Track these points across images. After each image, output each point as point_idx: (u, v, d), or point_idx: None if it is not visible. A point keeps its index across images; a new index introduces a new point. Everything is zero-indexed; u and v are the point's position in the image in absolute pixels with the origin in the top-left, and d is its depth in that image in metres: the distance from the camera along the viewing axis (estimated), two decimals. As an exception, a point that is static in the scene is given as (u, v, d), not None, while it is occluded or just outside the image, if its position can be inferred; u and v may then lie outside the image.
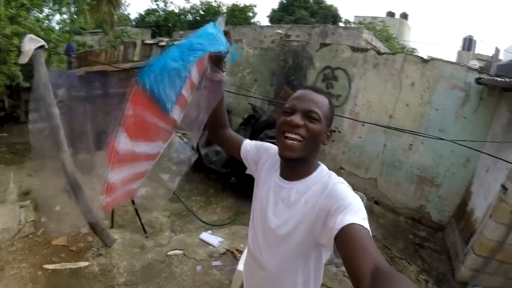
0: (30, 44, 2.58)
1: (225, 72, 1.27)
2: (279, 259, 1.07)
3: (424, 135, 4.16)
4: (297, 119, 1.00)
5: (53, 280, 3.04)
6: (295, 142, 0.99)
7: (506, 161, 3.32)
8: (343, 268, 3.82)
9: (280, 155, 1.05)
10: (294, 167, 1.07)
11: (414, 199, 5.21)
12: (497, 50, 5.01)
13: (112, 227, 3.92)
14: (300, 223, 1.00)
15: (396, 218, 5.22)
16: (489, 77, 4.29)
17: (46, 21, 6.52)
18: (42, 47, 2.70)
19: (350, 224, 0.79)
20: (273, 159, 1.22)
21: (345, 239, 0.78)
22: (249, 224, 1.26)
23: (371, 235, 0.80)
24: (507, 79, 3.77)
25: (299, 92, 1.08)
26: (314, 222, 0.96)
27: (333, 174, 1.06)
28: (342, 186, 0.97)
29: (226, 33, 1.20)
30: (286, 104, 1.06)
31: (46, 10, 6.58)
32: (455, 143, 3.33)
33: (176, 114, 1.28)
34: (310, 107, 1.01)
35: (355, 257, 0.71)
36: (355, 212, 0.84)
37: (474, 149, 3.60)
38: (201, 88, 1.27)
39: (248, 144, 1.34)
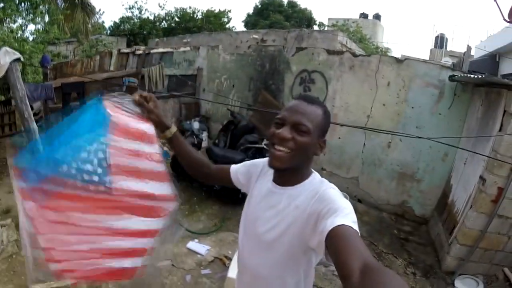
0: (6, 57, 2.47)
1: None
2: (269, 263, 1.08)
3: (400, 134, 4.26)
4: (285, 132, 1.00)
5: (40, 301, 2.86)
6: (282, 153, 1.00)
7: (481, 154, 3.48)
8: (332, 268, 3.85)
9: (270, 165, 1.06)
10: (285, 175, 1.09)
11: (396, 195, 5.34)
12: (469, 48, 5.27)
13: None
14: (289, 227, 1.01)
15: (380, 215, 5.32)
16: (462, 74, 4.49)
17: (20, 32, 6.25)
18: (18, 59, 2.58)
19: (340, 225, 0.81)
20: (265, 167, 1.22)
21: (335, 239, 0.80)
22: (239, 231, 1.24)
23: (360, 236, 0.82)
24: (479, 76, 3.95)
25: (291, 103, 1.08)
26: (304, 227, 0.97)
27: (326, 181, 1.07)
28: (333, 191, 1.00)
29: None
30: (279, 114, 1.06)
31: (20, 21, 6.34)
32: (432, 140, 3.43)
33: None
34: (299, 120, 1.00)
35: (344, 254, 0.72)
36: (345, 215, 0.86)
37: (450, 145, 3.75)
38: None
39: (235, 168, 1.34)
